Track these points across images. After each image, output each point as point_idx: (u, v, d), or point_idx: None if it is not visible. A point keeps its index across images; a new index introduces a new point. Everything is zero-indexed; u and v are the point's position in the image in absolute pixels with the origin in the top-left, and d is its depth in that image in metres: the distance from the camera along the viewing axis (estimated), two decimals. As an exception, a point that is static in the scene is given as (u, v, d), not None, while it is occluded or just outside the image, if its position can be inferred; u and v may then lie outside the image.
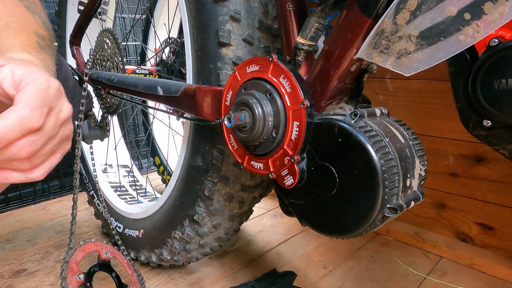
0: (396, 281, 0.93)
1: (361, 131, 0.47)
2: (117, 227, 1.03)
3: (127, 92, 0.83)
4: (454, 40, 0.40)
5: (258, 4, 0.70)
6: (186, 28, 0.74)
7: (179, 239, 0.85)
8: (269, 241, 1.15)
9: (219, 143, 0.73)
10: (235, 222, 0.86)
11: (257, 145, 0.57)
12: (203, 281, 0.95)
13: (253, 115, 0.54)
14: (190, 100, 0.68)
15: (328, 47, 0.52)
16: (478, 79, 0.48)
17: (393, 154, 0.47)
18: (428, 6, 0.41)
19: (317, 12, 0.53)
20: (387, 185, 0.46)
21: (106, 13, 1.27)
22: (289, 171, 0.54)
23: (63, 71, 0.72)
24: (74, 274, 0.74)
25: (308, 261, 1.03)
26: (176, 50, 1.31)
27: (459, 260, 1.02)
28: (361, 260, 1.03)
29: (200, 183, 0.77)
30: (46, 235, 1.23)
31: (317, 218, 0.54)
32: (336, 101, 0.55)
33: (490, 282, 0.94)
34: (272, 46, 0.73)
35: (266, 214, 1.34)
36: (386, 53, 0.45)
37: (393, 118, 0.55)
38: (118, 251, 0.79)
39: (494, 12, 0.37)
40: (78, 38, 1.06)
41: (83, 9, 0.99)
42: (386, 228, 1.16)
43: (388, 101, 1.12)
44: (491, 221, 1.00)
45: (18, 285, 0.96)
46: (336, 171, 0.50)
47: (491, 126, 0.49)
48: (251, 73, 0.57)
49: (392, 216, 0.48)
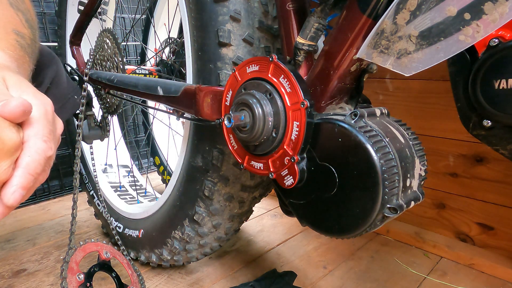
0: (396, 281, 0.93)
1: (361, 131, 0.47)
2: (117, 227, 1.03)
3: (127, 92, 0.83)
4: (454, 40, 0.40)
5: (258, 4, 0.70)
6: (186, 28, 0.74)
7: (179, 239, 0.85)
8: (269, 241, 1.15)
9: (219, 143, 0.73)
10: (235, 222, 0.86)
11: (257, 145, 0.57)
12: (203, 281, 0.95)
13: (253, 115, 0.54)
14: (190, 100, 0.68)
15: (328, 47, 0.52)
16: (478, 79, 0.48)
17: (393, 154, 0.47)
18: (428, 6, 0.41)
19: (317, 12, 0.53)
20: (387, 185, 0.46)
21: (106, 13, 1.27)
22: (289, 171, 0.54)
23: (54, 66, 0.71)
24: (74, 274, 0.74)
25: (308, 261, 1.03)
26: (176, 50, 1.31)
27: (459, 260, 1.02)
28: (361, 260, 1.03)
29: (200, 183, 0.77)
30: (46, 235, 1.23)
31: (317, 218, 0.54)
32: (336, 101, 0.55)
33: (490, 282, 0.94)
34: (272, 46, 0.73)
35: (266, 214, 1.34)
36: (386, 53, 0.45)
37: (393, 118, 0.55)
38: (118, 251, 0.79)
39: (494, 12, 0.37)
40: (78, 38, 1.06)
41: (83, 9, 0.99)
42: (386, 228, 1.16)
43: (388, 101, 1.12)
44: (491, 221, 1.00)
45: (18, 285, 0.96)
46: (336, 171, 0.50)
47: (491, 126, 0.49)
48: (251, 73, 0.57)
49: (392, 216, 0.48)
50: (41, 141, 0.37)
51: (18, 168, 0.36)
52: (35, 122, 0.38)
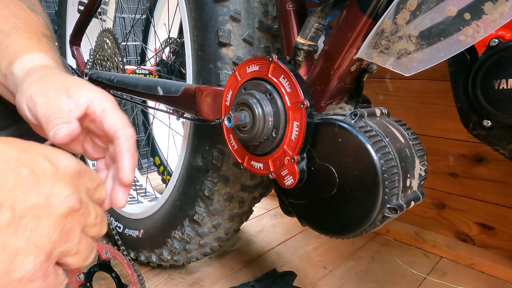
0: (396, 281, 0.93)
1: (361, 131, 0.47)
2: (117, 227, 1.03)
3: (127, 92, 0.83)
4: (454, 40, 0.40)
5: (258, 4, 0.70)
6: (186, 28, 0.74)
7: (179, 239, 0.85)
8: (269, 241, 1.15)
9: (219, 143, 0.73)
10: (235, 222, 0.86)
11: (257, 145, 0.57)
12: (203, 281, 0.95)
13: (253, 115, 0.54)
14: (190, 100, 0.68)
15: (328, 47, 0.52)
16: (478, 79, 0.48)
17: (393, 154, 0.47)
18: (428, 6, 0.41)
19: (317, 12, 0.53)
20: (387, 185, 0.46)
21: (106, 13, 1.27)
22: (289, 171, 0.54)
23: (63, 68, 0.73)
24: (74, 274, 0.74)
25: (308, 261, 1.03)
26: (176, 50, 1.31)
27: (459, 260, 1.02)
28: (361, 260, 1.03)
29: (200, 183, 0.77)
30: (46, 235, 1.23)
31: (317, 218, 0.54)
32: (336, 101, 0.55)
33: (490, 282, 0.94)
34: (272, 46, 0.73)
35: (266, 214, 1.34)
36: (386, 53, 0.45)
37: (393, 118, 0.55)
38: (118, 251, 0.79)
39: (494, 12, 0.37)
40: (78, 38, 1.06)
41: (83, 9, 0.99)
42: (386, 228, 1.16)
43: (388, 101, 1.12)
44: (491, 221, 1.00)
45: (18, 285, 0.95)
46: (336, 171, 0.50)
47: (491, 126, 0.49)
48: (251, 73, 0.57)
49: (392, 216, 0.48)
50: (128, 127, 0.40)
51: (123, 153, 0.39)
52: (115, 114, 0.40)
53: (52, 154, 0.30)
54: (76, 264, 0.31)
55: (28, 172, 0.28)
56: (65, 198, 0.29)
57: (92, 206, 0.32)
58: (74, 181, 0.31)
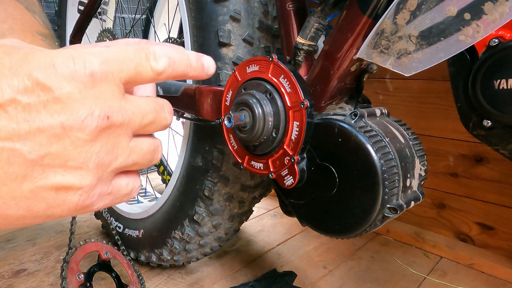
0: (396, 281, 0.93)
1: (361, 131, 0.47)
2: (117, 227, 1.03)
3: (127, 92, 0.82)
4: (454, 40, 0.40)
5: (258, 4, 0.70)
6: (186, 28, 0.74)
7: (179, 239, 0.85)
8: (269, 241, 1.15)
9: (219, 143, 0.73)
10: (235, 222, 0.86)
11: (257, 145, 0.57)
12: (203, 281, 0.95)
13: (253, 115, 0.54)
14: (190, 100, 0.68)
15: (328, 47, 0.52)
16: (478, 79, 0.48)
17: (393, 154, 0.47)
18: (428, 6, 0.41)
19: (317, 12, 0.53)
20: (387, 185, 0.46)
21: (106, 13, 1.27)
22: (289, 171, 0.54)
23: None
24: (74, 274, 0.74)
25: (308, 261, 1.03)
26: (176, 50, 1.31)
27: (459, 260, 1.02)
28: (361, 260, 1.03)
29: (200, 183, 0.77)
30: (46, 235, 1.23)
31: (317, 218, 0.54)
32: (336, 101, 0.55)
33: (490, 282, 0.94)
34: (272, 46, 0.73)
35: (266, 214, 1.34)
36: (386, 53, 0.45)
37: (393, 118, 0.55)
38: (118, 251, 0.79)
39: (494, 12, 0.37)
40: (78, 38, 1.06)
41: (83, 9, 0.99)
42: (386, 228, 1.16)
43: (388, 101, 1.12)
44: (491, 221, 1.00)
45: (18, 285, 0.96)
46: (336, 171, 0.50)
47: (491, 126, 0.49)
48: (251, 73, 0.57)
49: (392, 216, 0.48)
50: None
51: None
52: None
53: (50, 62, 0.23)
54: (143, 166, 0.28)
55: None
56: (83, 122, 0.23)
57: (134, 105, 0.26)
58: (90, 90, 0.23)
